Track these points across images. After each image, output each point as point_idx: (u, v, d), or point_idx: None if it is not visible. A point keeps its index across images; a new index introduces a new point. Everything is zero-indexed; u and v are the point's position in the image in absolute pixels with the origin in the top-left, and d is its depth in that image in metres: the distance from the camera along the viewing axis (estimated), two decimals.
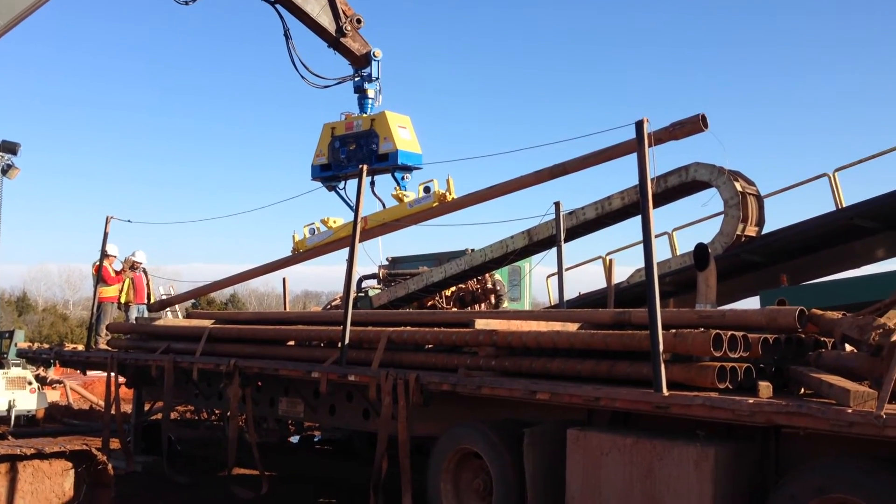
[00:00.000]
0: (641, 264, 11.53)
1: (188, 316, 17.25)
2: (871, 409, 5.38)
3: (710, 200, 13.28)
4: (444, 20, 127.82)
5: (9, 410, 16.81)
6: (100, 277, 16.01)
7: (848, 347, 6.53)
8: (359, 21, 14.43)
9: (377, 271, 18.49)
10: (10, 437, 11.98)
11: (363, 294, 17.81)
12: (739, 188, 12.87)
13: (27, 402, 17.21)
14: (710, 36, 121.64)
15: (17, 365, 17.75)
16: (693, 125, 8.30)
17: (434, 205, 12.86)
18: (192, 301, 24.91)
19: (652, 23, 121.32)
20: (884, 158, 12.98)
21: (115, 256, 16.74)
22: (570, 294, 13.64)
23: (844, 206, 12.89)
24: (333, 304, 19.55)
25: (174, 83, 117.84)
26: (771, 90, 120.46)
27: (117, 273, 16.76)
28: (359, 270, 16.45)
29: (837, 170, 13.19)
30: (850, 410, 5.44)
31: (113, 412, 13.01)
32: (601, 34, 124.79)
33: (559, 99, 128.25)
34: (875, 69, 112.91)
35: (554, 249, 12.14)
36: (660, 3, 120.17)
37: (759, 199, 13.35)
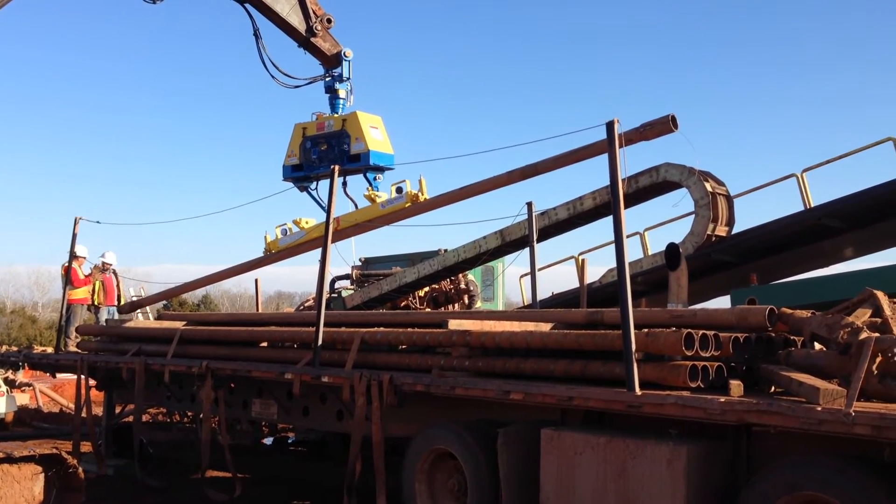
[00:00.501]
0: (613, 264, 11.58)
1: (159, 317, 17.12)
2: (840, 406, 5.44)
3: (680, 201, 13.42)
4: (414, 19, 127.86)
5: None
6: (68, 279, 15.85)
7: (817, 346, 6.60)
8: (329, 21, 14.39)
9: (350, 272, 18.49)
10: None
11: (336, 295, 17.79)
12: (709, 188, 13.00)
13: None
14: (681, 35, 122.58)
15: None
16: (663, 126, 8.36)
17: (406, 205, 12.87)
18: (164, 302, 24.76)
19: (630, 21, 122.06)
20: (851, 158, 13.17)
21: (84, 258, 16.58)
22: (543, 294, 13.71)
23: (813, 206, 13.05)
24: (306, 304, 19.51)
25: (143, 83, 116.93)
26: (742, 90, 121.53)
27: (86, 276, 16.59)
28: (332, 271, 16.47)
29: (805, 170, 13.35)
30: (819, 408, 5.50)
31: (83, 415, 12.89)
32: (576, 32, 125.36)
33: (533, 98, 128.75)
34: (848, 69, 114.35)
35: (527, 249, 12.18)
36: (641, 2, 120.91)
37: (729, 199, 13.50)
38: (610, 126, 7.15)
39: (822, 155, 14.61)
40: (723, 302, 14.18)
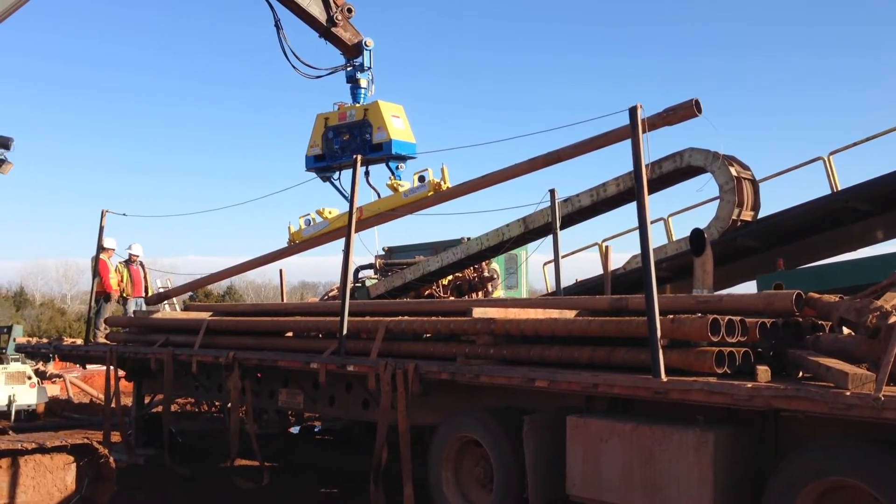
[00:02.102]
0: (637, 250, 11.52)
1: (186, 308, 17.27)
2: (869, 391, 5.40)
3: (705, 185, 13.29)
4: (435, 7, 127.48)
5: (9, 405, 16.85)
6: (96, 272, 15.97)
7: (845, 330, 6.55)
8: (349, 10, 14.35)
9: (374, 261, 18.51)
10: (10, 432, 11.97)
11: (360, 284, 17.82)
12: (734, 173, 12.87)
13: (27, 396, 17.25)
14: (704, 17, 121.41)
15: (16, 360, 17.80)
16: (686, 111, 8.30)
17: (429, 194, 12.84)
18: (190, 293, 24.91)
19: (653, 4, 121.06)
20: (879, 141, 12.98)
21: (113, 249, 16.70)
22: (567, 281, 13.67)
23: (839, 189, 12.89)
24: (331, 294, 19.57)
25: (168, 73, 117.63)
26: (768, 72, 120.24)
27: (118, 271, 16.68)
28: (355, 261, 16.52)
29: (833, 153, 13.19)
30: (848, 393, 5.46)
31: (113, 405, 13.04)
32: (600, 14, 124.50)
33: (555, 83, 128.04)
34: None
35: (550, 237, 12.15)
36: None
37: (755, 184, 13.36)
38: (633, 111, 7.11)
39: (849, 137, 14.45)
40: (749, 287, 14.08)
